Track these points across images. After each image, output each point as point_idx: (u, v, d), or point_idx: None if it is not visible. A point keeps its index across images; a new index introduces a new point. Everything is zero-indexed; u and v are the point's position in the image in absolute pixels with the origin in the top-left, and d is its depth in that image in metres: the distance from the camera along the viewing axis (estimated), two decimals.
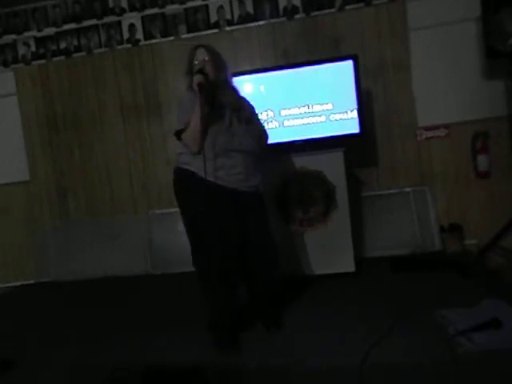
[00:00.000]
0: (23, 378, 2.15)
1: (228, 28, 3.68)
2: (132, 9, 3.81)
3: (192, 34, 3.72)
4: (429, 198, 3.48)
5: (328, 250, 2.97)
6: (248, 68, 3.52)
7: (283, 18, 3.59)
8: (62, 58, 3.94)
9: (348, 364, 1.85)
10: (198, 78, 2.12)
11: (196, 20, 3.72)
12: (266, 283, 2.32)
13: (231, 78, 2.34)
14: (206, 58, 2.24)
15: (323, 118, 3.11)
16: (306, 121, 3.13)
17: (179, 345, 2.28)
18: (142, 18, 3.80)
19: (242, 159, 2.18)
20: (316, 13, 3.53)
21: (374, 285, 2.84)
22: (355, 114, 3.08)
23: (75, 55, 3.92)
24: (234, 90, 2.33)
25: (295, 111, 3.14)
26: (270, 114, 3.16)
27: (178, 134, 2.17)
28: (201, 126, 2.08)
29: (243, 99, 2.37)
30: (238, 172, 2.17)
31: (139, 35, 3.82)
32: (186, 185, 2.19)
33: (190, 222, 2.20)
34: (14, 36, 3.99)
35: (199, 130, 2.09)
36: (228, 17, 3.67)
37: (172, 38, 3.77)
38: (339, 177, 2.97)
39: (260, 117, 2.54)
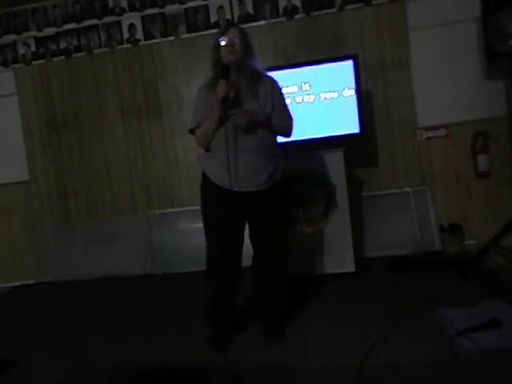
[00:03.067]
0: (23, 378, 2.15)
1: None
2: (132, 9, 3.81)
3: (192, 34, 3.72)
4: (429, 198, 3.47)
5: (328, 250, 2.98)
6: None
7: (283, 18, 3.59)
8: (62, 57, 3.94)
9: (348, 364, 1.85)
10: (221, 89, 1.98)
11: (196, 20, 3.72)
12: (272, 298, 2.29)
13: (258, 65, 2.18)
14: (236, 40, 2.06)
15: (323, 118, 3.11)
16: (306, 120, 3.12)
17: (179, 345, 2.28)
18: (142, 18, 3.79)
19: (248, 157, 2.08)
20: (316, 13, 3.53)
21: (374, 285, 2.84)
22: (355, 113, 3.08)
23: (75, 55, 3.92)
24: (254, 79, 2.13)
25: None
26: None
27: (192, 131, 2.19)
28: (213, 132, 2.08)
29: (265, 81, 2.18)
30: (243, 172, 2.07)
31: (139, 35, 3.82)
32: (206, 191, 2.20)
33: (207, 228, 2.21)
34: (14, 36, 3.98)
35: (210, 134, 2.09)
36: (228, 17, 3.67)
37: (172, 37, 3.76)
38: (339, 177, 2.97)
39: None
